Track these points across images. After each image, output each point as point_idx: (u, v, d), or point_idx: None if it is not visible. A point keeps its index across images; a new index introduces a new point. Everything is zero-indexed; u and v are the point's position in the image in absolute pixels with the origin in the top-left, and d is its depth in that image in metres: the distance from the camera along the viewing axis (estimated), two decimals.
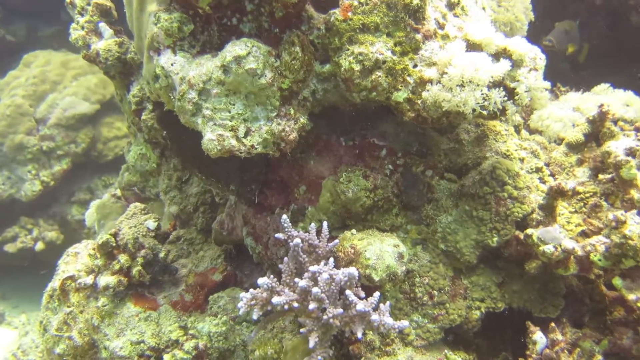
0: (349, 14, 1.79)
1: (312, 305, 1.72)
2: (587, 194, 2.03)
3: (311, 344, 1.74)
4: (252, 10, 1.80)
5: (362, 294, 1.77)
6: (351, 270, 1.74)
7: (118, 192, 3.30)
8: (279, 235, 1.94)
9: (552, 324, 1.85)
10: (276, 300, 1.76)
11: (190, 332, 2.30)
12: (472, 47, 1.81)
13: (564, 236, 1.83)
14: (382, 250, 1.89)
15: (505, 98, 1.72)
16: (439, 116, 1.81)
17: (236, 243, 2.51)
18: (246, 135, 1.84)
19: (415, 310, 2.05)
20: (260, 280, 1.79)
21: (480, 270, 2.07)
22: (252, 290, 1.80)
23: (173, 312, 2.40)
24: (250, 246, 2.34)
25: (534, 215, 1.94)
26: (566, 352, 1.77)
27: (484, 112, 1.73)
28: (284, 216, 1.91)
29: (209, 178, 2.19)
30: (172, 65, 1.88)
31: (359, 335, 1.69)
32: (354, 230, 2.01)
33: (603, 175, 2.06)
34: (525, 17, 2.67)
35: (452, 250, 2.04)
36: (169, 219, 2.86)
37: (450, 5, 1.95)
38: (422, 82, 1.81)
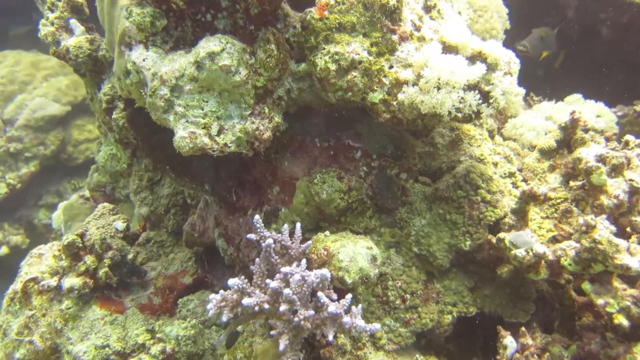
0: (326, 13, 1.78)
1: (283, 307, 1.69)
2: (559, 200, 2.04)
3: (281, 346, 1.70)
4: (227, 7, 1.77)
5: (335, 296, 1.75)
6: (324, 272, 1.71)
7: (87, 193, 3.22)
8: (251, 236, 1.90)
9: (523, 329, 1.85)
10: (246, 301, 1.72)
11: (157, 335, 2.24)
12: (448, 49, 1.81)
13: (535, 240, 1.84)
14: (355, 252, 1.86)
15: (480, 101, 1.73)
16: (414, 118, 1.81)
17: (208, 245, 2.46)
18: (219, 133, 1.81)
19: (388, 314, 2.03)
20: (230, 281, 1.75)
21: (453, 274, 2.06)
22: (222, 292, 1.76)
23: (141, 316, 2.33)
24: (222, 248, 2.29)
25: (506, 220, 1.95)
26: (536, 356, 1.77)
27: (459, 115, 1.74)
28: (257, 217, 1.88)
29: (183, 177, 2.15)
30: (144, 60, 1.83)
31: (330, 338, 1.67)
32: (327, 232, 1.99)
33: (574, 182, 2.08)
34: (501, 25, 2.70)
35: (425, 254, 2.03)
36: (138, 220, 2.80)
37: (427, 8, 1.96)
38: (398, 83, 1.80)
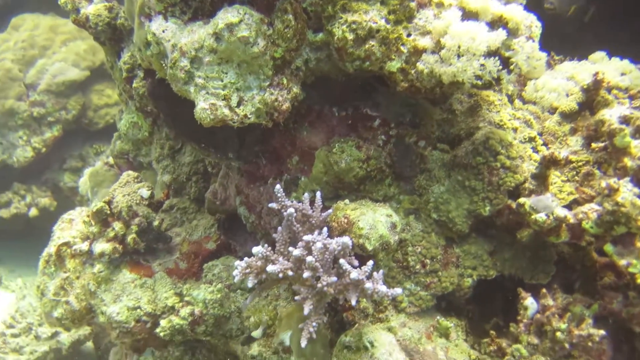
0: None
1: (306, 274, 1.75)
2: (580, 163, 2.03)
3: (306, 311, 1.77)
4: None
5: (356, 263, 1.79)
6: (345, 240, 1.76)
7: (110, 160, 3.28)
8: (273, 204, 1.95)
9: (543, 290, 1.88)
10: (271, 268, 1.78)
11: (185, 298, 2.33)
12: (468, 14, 1.78)
13: (556, 204, 1.85)
14: (375, 219, 1.90)
15: (500, 67, 1.71)
16: (433, 86, 1.80)
17: (229, 212, 2.52)
18: (239, 104, 1.83)
19: (408, 279, 2.08)
20: (254, 249, 1.80)
21: (472, 239, 2.09)
22: (246, 259, 1.82)
23: (168, 280, 2.42)
24: (244, 216, 2.35)
25: (526, 185, 1.95)
26: (557, 316, 1.81)
27: (479, 82, 1.72)
28: (278, 186, 1.92)
29: (207, 148, 2.18)
30: (163, 32, 1.84)
31: (354, 303, 1.72)
32: (347, 201, 2.02)
33: (596, 143, 2.06)
34: None
35: (444, 220, 2.05)
36: (161, 187, 2.86)
37: None
38: (416, 51, 1.78)
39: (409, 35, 1.80)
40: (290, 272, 1.80)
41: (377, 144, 2.04)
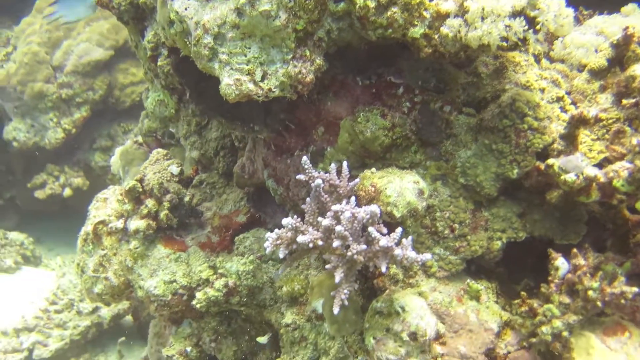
0: None
1: (336, 243, 1.78)
2: (610, 120, 2.00)
3: (337, 279, 1.80)
4: None
5: (385, 230, 1.82)
6: (373, 208, 1.78)
7: (140, 139, 3.35)
8: (300, 176, 1.97)
9: (574, 250, 1.88)
10: (301, 238, 1.81)
11: (219, 271, 2.40)
12: None
13: (586, 164, 1.83)
14: (402, 187, 1.91)
15: (526, 27, 1.68)
16: (457, 50, 1.78)
17: (257, 185, 2.56)
18: (263, 78, 1.84)
19: (437, 244, 2.10)
20: (284, 221, 1.84)
21: (501, 202, 2.09)
22: (277, 230, 1.86)
23: (201, 253, 2.49)
24: (272, 188, 2.38)
25: (555, 145, 1.93)
26: (589, 275, 1.80)
27: (505, 44, 1.69)
28: (304, 157, 1.94)
29: (234, 122, 2.20)
30: (185, 9, 1.85)
31: (384, 269, 1.75)
32: (373, 169, 2.03)
33: (627, 100, 2.01)
34: None
35: (472, 184, 2.05)
36: (190, 163, 2.91)
37: None
38: (439, 16, 1.76)
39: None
40: (320, 242, 1.83)
41: (402, 111, 2.03)
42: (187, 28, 1.87)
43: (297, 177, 1.98)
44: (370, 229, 1.76)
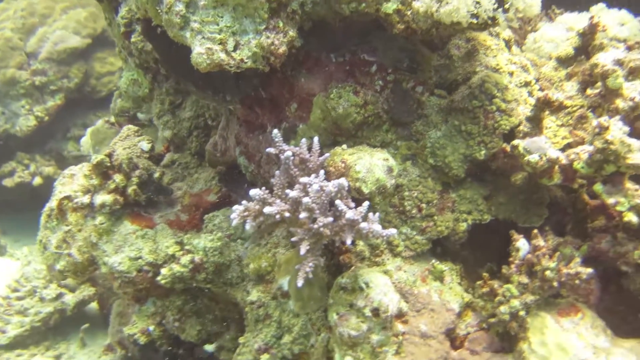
0: None
1: (302, 215, 1.78)
2: (575, 107, 2.05)
3: (302, 251, 1.80)
4: None
5: (352, 205, 1.82)
6: (341, 181, 1.78)
7: (112, 119, 3.31)
8: (271, 149, 1.97)
9: (535, 231, 1.91)
10: (268, 210, 1.81)
11: (186, 247, 2.37)
12: None
13: (549, 146, 1.87)
14: (372, 163, 1.92)
15: (495, 5, 1.71)
16: (429, 27, 1.80)
17: (230, 164, 2.54)
18: (235, 48, 1.84)
19: (404, 223, 2.11)
20: (252, 192, 1.83)
21: (468, 183, 2.12)
22: (244, 202, 1.85)
23: (169, 230, 2.46)
24: (244, 165, 2.37)
25: (521, 128, 1.97)
26: (547, 256, 1.84)
27: (475, 21, 1.72)
28: (275, 130, 1.94)
29: (205, 90, 2.19)
30: None
31: (348, 242, 1.75)
32: (344, 146, 2.04)
33: (592, 89, 2.07)
34: None
35: (440, 165, 2.08)
36: (162, 143, 2.89)
37: None
38: None
39: None
40: (287, 214, 1.83)
41: (375, 89, 2.05)
42: None
43: (267, 150, 1.98)
44: (338, 201, 1.77)
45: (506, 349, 1.94)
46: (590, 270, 1.77)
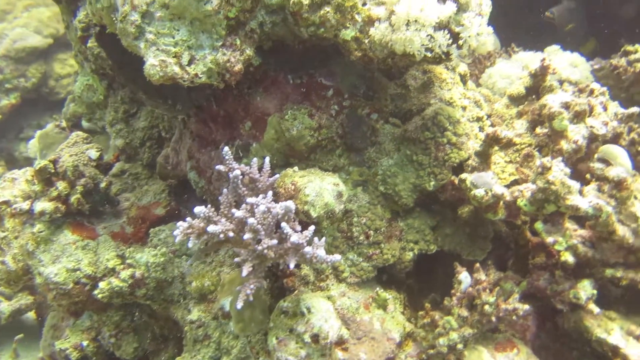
0: None
1: (247, 235, 1.74)
2: (523, 145, 2.10)
3: (244, 272, 1.77)
4: None
5: (299, 228, 1.80)
6: (288, 204, 1.76)
7: (63, 123, 3.21)
8: (220, 166, 1.94)
9: (477, 265, 1.93)
10: (212, 228, 1.77)
11: (127, 261, 2.30)
12: None
13: (495, 182, 1.90)
14: (322, 187, 1.91)
15: (450, 41, 1.74)
16: (385, 57, 1.82)
17: (180, 178, 2.49)
18: (190, 63, 1.81)
19: (351, 249, 2.10)
20: (197, 209, 1.79)
21: (417, 213, 2.13)
22: (189, 219, 1.81)
23: (112, 243, 2.39)
24: (194, 180, 2.33)
25: (470, 162, 2.00)
26: (487, 290, 1.85)
27: (429, 55, 1.75)
28: (226, 148, 1.90)
29: (155, 99, 2.14)
30: None
31: (292, 266, 1.73)
32: (296, 168, 2.03)
33: (540, 129, 2.12)
34: None
35: (391, 193, 2.08)
36: (113, 151, 2.81)
37: None
38: (370, 20, 1.80)
39: (364, 4, 1.82)
40: (231, 234, 1.79)
41: (330, 113, 2.05)
42: (114, 3, 1.82)
43: (216, 167, 1.95)
44: (283, 224, 1.74)
45: None
46: (527, 307, 1.80)
